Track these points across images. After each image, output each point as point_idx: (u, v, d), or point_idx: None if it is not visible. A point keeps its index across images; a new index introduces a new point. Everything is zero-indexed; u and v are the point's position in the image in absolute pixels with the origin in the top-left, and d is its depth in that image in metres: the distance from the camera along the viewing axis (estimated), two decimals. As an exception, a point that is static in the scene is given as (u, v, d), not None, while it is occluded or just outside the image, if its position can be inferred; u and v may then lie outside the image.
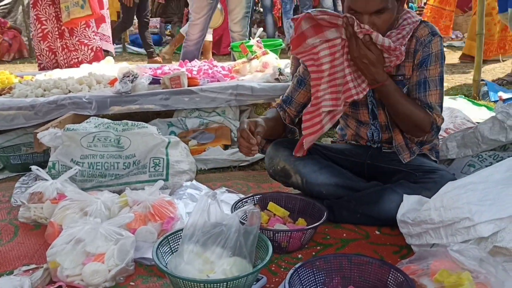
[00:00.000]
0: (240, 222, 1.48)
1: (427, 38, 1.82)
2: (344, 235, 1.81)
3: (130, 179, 2.16)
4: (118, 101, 2.89)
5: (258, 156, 2.48)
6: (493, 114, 2.20)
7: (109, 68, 3.80)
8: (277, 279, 1.53)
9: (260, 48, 3.53)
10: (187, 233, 1.47)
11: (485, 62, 5.15)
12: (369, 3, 1.68)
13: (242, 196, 2.02)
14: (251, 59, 3.43)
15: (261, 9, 7.67)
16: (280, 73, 3.08)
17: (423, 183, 1.78)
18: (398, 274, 1.33)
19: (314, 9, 1.79)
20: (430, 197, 1.58)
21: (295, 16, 1.85)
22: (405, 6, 1.91)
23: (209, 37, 5.87)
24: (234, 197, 2.07)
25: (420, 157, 1.94)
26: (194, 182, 2.22)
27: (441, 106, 1.86)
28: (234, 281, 1.34)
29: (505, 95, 3.70)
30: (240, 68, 3.43)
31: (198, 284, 1.34)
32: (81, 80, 3.25)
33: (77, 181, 2.14)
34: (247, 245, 1.43)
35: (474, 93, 3.90)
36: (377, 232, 1.81)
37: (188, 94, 2.93)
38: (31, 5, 4.35)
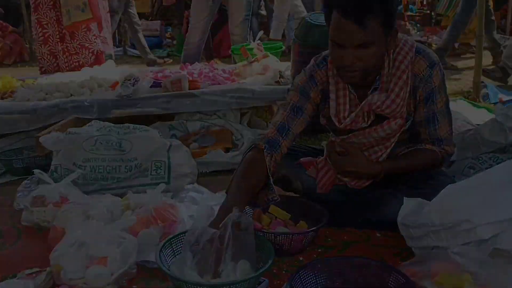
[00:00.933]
0: (236, 226, 1.46)
1: (426, 73, 1.72)
2: (345, 237, 1.81)
3: (132, 182, 2.17)
4: (120, 105, 2.90)
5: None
6: (493, 116, 2.21)
7: (111, 71, 3.82)
8: (278, 282, 1.54)
9: (261, 51, 3.54)
10: (190, 238, 1.47)
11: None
12: (352, 35, 1.56)
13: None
14: (251, 62, 3.44)
15: (263, 12, 7.65)
16: (281, 76, 3.10)
17: (422, 189, 1.76)
18: (399, 276, 1.34)
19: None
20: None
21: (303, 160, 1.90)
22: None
23: None
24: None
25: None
26: (195, 185, 2.23)
27: (451, 133, 1.84)
28: (237, 284, 1.35)
29: (505, 97, 3.71)
30: (240, 71, 3.44)
31: (201, 287, 1.34)
32: (83, 84, 3.25)
33: (79, 185, 2.15)
34: (248, 249, 1.43)
35: (474, 95, 3.90)
36: (378, 235, 1.82)
37: (189, 97, 2.94)
38: (32, 9, 4.36)
